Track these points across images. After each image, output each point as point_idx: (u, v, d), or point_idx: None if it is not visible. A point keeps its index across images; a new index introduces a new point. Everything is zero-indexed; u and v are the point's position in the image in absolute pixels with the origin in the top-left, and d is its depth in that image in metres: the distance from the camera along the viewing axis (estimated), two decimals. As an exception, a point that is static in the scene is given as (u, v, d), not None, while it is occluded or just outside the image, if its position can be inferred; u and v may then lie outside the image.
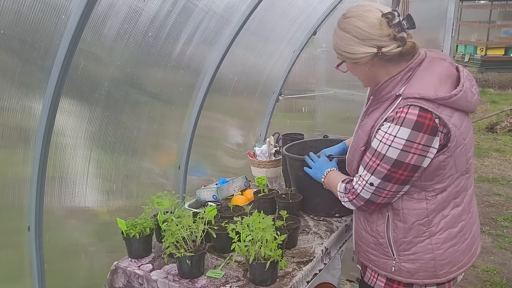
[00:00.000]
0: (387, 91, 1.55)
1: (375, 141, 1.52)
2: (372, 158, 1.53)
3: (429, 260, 1.58)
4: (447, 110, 1.44)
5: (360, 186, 1.59)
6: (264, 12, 2.69)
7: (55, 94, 1.68)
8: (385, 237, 1.63)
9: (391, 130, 1.46)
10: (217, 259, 1.86)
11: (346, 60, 1.58)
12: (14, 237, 1.84)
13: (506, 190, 5.43)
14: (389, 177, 1.50)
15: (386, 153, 1.48)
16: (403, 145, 1.44)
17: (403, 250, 1.61)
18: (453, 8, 2.54)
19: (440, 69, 1.50)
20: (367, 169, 1.55)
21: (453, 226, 1.59)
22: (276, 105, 3.50)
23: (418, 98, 1.42)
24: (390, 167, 1.48)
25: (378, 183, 1.53)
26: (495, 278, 3.58)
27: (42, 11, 1.59)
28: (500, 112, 8.54)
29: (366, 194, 1.58)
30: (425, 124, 1.41)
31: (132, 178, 2.38)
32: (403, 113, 1.44)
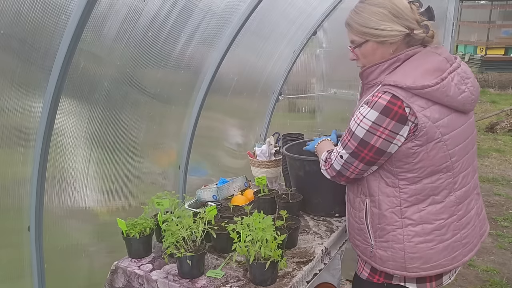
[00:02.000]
0: (373, 77, 1.61)
1: (350, 120, 1.61)
2: (346, 134, 1.62)
3: (399, 250, 1.62)
4: (421, 100, 1.47)
5: (334, 157, 1.69)
6: (264, 12, 2.69)
7: (55, 94, 1.68)
8: (364, 222, 1.70)
9: (363, 111, 1.53)
10: (217, 259, 1.86)
11: (372, 39, 1.57)
12: (14, 237, 1.84)
13: (506, 190, 5.42)
14: (356, 154, 1.58)
15: (355, 131, 1.56)
16: (369, 126, 1.51)
17: (378, 237, 1.67)
18: (453, 8, 2.54)
19: (429, 62, 1.52)
20: (341, 143, 1.65)
21: (429, 222, 1.60)
22: (276, 105, 3.50)
23: (393, 86, 1.48)
24: (357, 145, 1.56)
25: (346, 157, 1.62)
26: (495, 278, 3.58)
27: (42, 11, 1.59)
28: (500, 112, 8.53)
29: (337, 166, 1.67)
30: (393, 110, 1.47)
31: (132, 178, 2.38)
32: (376, 97, 1.50)
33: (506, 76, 12.31)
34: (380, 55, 1.59)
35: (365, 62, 1.64)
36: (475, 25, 13.58)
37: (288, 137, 2.82)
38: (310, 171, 2.18)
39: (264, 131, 3.48)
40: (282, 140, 2.84)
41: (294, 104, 3.64)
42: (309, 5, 3.09)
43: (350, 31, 1.62)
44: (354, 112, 1.62)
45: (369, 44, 1.58)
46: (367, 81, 1.64)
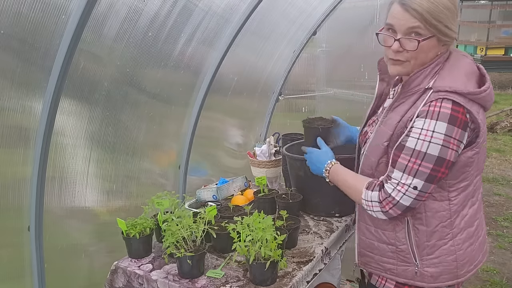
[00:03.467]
0: (416, 83, 1.45)
1: (410, 139, 1.39)
2: (411, 159, 1.39)
3: (452, 261, 1.53)
4: (475, 105, 1.38)
5: (400, 192, 1.42)
6: (264, 12, 2.69)
7: (55, 94, 1.68)
8: (407, 243, 1.54)
9: (427, 126, 1.36)
10: (217, 259, 1.86)
11: (439, 36, 1.38)
12: (14, 237, 1.84)
13: (506, 190, 5.43)
14: (432, 178, 1.39)
15: (427, 150, 1.36)
16: (443, 140, 1.35)
17: (426, 255, 1.53)
18: (453, 8, 2.54)
19: (465, 65, 1.46)
20: (407, 172, 1.40)
21: (471, 225, 1.55)
22: (276, 105, 3.50)
23: (450, 92, 1.35)
24: (433, 165, 1.37)
25: (421, 186, 1.40)
26: (495, 278, 3.58)
27: (42, 11, 1.59)
28: (500, 112, 8.53)
29: (407, 201, 1.43)
30: (458, 118, 1.34)
31: (132, 178, 2.38)
32: (436, 106, 1.35)
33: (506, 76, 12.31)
34: (432, 56, 1.43)
35: (414, 57, 1.42)
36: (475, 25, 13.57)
37: (288, 137, 2.82)
38: (310, 171, 2.18)
39: (264, 131, 3.48)
40: (282, 140, 2.84)
41: (294, 104, 3.64)
42: (309, 5, 3.09)
43: (415, 17, 1.35)
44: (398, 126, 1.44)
45: (432, 40, 1.39)
46: (409, 88, 1.46)
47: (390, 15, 1.43)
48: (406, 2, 1.36)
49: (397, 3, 1.40)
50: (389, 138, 1.48)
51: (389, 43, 1.44)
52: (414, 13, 1.35)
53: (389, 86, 1.70)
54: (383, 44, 1.49)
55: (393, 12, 1.41)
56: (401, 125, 1.45)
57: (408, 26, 1.38)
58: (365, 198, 1.52)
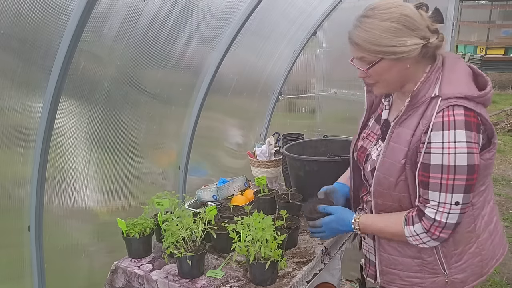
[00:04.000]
0: (422, 94, 1.43)
1: (433, 156, 1.36)
2: (443, 176, 1.36)
3: (478, 263, 1.53)
4: (481, 107, 1.38)
5: (444, 213, 1.39)
6: (264, 12, 2.69)
7: (55, 94, 1.68)
8: (434, 254, 1.51)
9: (447, 138, 1.34)
10: (217, 259, 1.86)
11: (387, 57, 1.40)
12: (14, 237, 1.84)
13: (506, 190, 5.43)
14: (469, 187, 1.37)
15: (456, 163, 1.33)
16: (467, 147, 1.33)
17: (455, 262, 1.51)
18: (453, 8, 2.54)
19: (462, 68, 1.46)
20: (444, 191, 1.37)
21: (491, 223, 1.56)
22: (276, 105, 3.50)
23: (460, 98, 1.35)
24: (467, 175, 1.34)
25: (462, 199, 1.37)
26: (495, 278, 3.58)
27: (42, 11, 1.59)
28: (500, 112, 8.53)
29: (454, 218, 1.39)
30: (472, 122, 1.34)
31: (132, 178, 2.38)
32: (449, 116, 1.34)
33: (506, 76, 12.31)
34: (397, 72, 1.43)
35: (379, 79, 1.47)
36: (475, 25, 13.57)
37: (288, 137, 2.82)
38: (310, 171, 2.18)
39: (264, 131, 3.48)
40: (282, 140, 2.84)
41: (294, 104, 3.64)
42: (309, 5, 3.09)
43: (359, 50, 1.42)
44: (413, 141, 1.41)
45: (383, 62, 1.41)
46: (416, 100, 1.44)
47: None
48: (349, 36, 1.44)
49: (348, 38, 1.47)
50: (405, 155, 1.44)
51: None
52: (356, 46, 1.42)
53: (379, 97, 1.67)
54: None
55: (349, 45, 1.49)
56: (415, 140, 1.42)
57: (357, 57, 1.45)
58: (409, 235, 1.48)
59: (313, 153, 2.42)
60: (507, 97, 10.76)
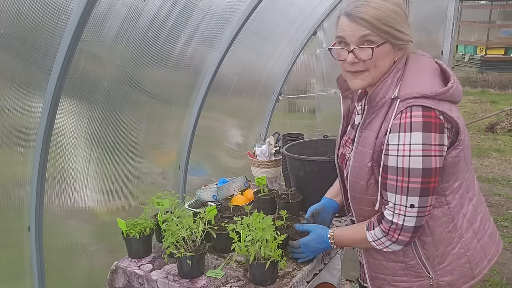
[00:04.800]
0: (381, 95, 1.40)
1: (390, 158, 1.36)
2: (397, 178, 1.35)
3: (465, 264, 1.49)
4: (446, 104, 1.35)
5: (400, 215, 1.38)
6: (264, 12, 2.69)
7: (55, 94, 1.68)
8: (415, 257, 1.49)
9: (403, 140, 1.32)
10: (217, 259, 1.86)
11: (392, 40, 1.35)
12: (14, 237, 1.84)
13: (506, 190, 5.43)
14: (426, 190, 1.34)
15: (409, 165, 1.32)
16: (422, 150, 1.30)
17: (438, 264, 1.48)
18: (453, 8, 2.54)
19: (426, 65, 1.42)
20: (399, 193, 1.36)
21: (474, 222, 1.51)
22: (276, 105, 3.50)
23: (418, 97, 1.32)
24: (422, 178, 1.33)
25: (418, 202, 1.35)
26: (495, 278, 3.58)
27: (42, 11, 1.59)
28: (500, 112, 8.53)
29: (411, 221, 1.38)
30: (432, 123, 1.31)
31: (132, 178, 2.38)
32: (407, 117, 1.32)
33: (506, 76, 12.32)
34: (389, 62, 1.39)
35: (371, 66, 1.38)
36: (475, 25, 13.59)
37: (288, 137, 2.82)
38: (310, 171, 2.18)
39: (264, 131, 3.48)
40: (282, 140, 2.84)
41: (294, 104, 3.64)
42: (309, 5, 3.09)
43: (364, 25, 1.32)
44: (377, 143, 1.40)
45: (385, 46, 1.35)
46: (375, 102, 1.42)
47: (339, 28, 1.40)
48: (352, 13, 1.34)
49: (344, 15, 1.37)
50: (371, 158, 1.43)
51: (343, 57, 1.41)
52: (362, 22, 1.32)
53: (354, 102, 1.65)
54: (338, 59, 1.46)
55: (341, 25, 1.38)
56: (379, 142, 1.41)
57: (359, 36, 1.35)
58: (372, 240, 1.48)
59: (313, 153, 2.42)
60: (507, 97, 10.77)
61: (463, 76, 12.67)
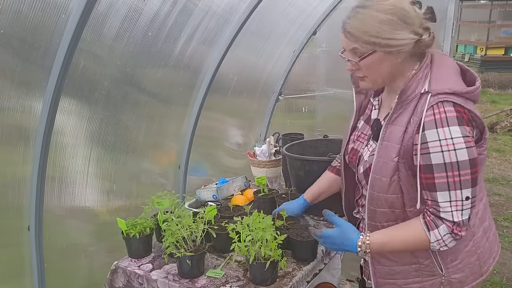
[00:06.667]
0: (411, 90, 1.41)
1: (433, 156, 1.33)
2: (448, 174, 1.33)
3: (475, 261, 1.52)
4: (471, 103, 1.37)
5: (459, 211, 1.36)
6: (264, 12, 2.69)
7: (55, 93, 1.68)
8: (431, 256, 1.49)
9: (443, 135, 1.32)
10: (217, 259, 1.86)
11: (381, 49, 1.37)
12: (14, 237, 1.84)
13: (506, 190, 5.42)
14: (475, 180, 1.35)
15: (457, 159, 1.31)
16: (464, 142, 1.31)
17: (451, 262, 1.49)
18: (453, 8, 2.54)
19: (451, 64, 1.45)
20: (452, 189, 1.35)
21: (484, 220, 1.55)
22: (276, 105, 3.50)
23: (449, 93, 1.34)
24: (471, 169, 1.33)
25: (471, 193, 1.35)
26: (495, 278, 3.58)
27: (42, 10, 1.59)
28: (500, 112, 8.53)
29: (467, 213, 1.38)
30: (463, 117, 1.33)
31: (132, 178, 2.38)
32: (441, 113, 1.32)
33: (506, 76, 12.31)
34: (387, 66, 1.42)
35: (367, 73, 1.44)
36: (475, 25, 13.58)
37: (288, 137, 2.82)
38: (310, 171, 2.18)
39: (264, 131, 3.48)
40: (282, 140, 2.84)
41: (294, 104, 3.64)
42: (309, 5, 3.09)
43: (352, 40, 1.39)
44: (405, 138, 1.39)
45: (376, 55, 1.38)
46: (406, 96, 1.42)
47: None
48: (343, 26, 1.41)
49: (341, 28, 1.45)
50: (398, 153, 1.41)
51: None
52: (349, 35, 1.39)
53: (368, 97, 1.67)
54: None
55: (341, 36, 1.46)
56: (407, 137, 1.39)
57: (349, 48, 1.42)
58: (436, 240, 1.40)
59: (313, 153, 2.42)
60: (507, 97, 10.76)
61: (463, 76, 12.65)
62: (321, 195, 2.01)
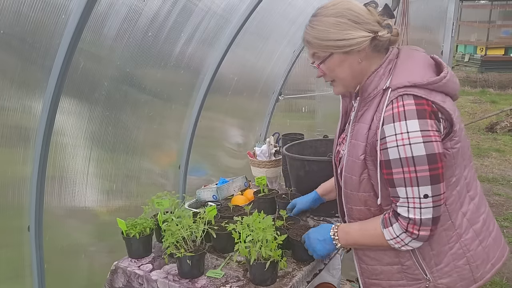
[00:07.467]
0: (372, 87, 1.41)
1: (390, 151, 1.31)
2: (403, 169, 1.30)
3: (464, 265, 1.43)
4: (439, 95, 1.33)
5: (416, 209, 1.32)
6: (264, 12, 2.69)
7: (55, 93, 1.68)
8: (411, 257, 1.44)
9: (399, 129, 1.29)
10: (217, 259, 1.86)
11: (337, 51, 1.40)
12: (14, 237, 1.84)
13: (506, 190, 5.42)
14: (436, 177, 1.29)
15: (413, 154, 1.28)
16: (422, 136, 1.27)
17: (435, 265, 1.43)
18: (453, 8, 2.54)
19: (419, 57, 1.43)
20: (409, 185, 1.31)
21: (476, 222, 1.45)
22: (276, 105, 3.50)
23: (409, 86, 1.31)
24: (428, 165, 1.28)
25: (431, 191, 1.30)
26: (495, 278, 3.57)
27: (42, 11, 1.59)
28: (500, 112, 8.53)
29: (428, 213, 1.31)
30: (426, 110, 1.29)
31: (132, 178, 2.38)
32: (399, 107, 1.30)
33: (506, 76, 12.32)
34: (349, 66, 1.42)
35: (333, 76, 1.47)
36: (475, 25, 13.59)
37: (288, 137, 2.82)
38: (310, 171, 2.18)
39: (264, 131, 3.48)
40: (282, 140, 2.84)
41: (294, 104, 3.64)
42: (309, 5, 3.09)
43: (311, 47, 1.45)
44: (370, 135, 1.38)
45: (334, 57, 1.41)
46: (367, 93, 1.43)
47: None
48: (303, 36, 1.47)
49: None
50: (364, 150, 1.40)
51: None
52: (308, 44, 1.45)
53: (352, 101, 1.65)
54: None
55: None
56: (371, 134, 1.38)
57: (311, 55, 1.48)
58: (390, 238, 1.40)
59: (313, 153, 2.42)
60: (507, 97, 10.76)
61: (463, 76, 12.67)
62: (332, 192, 1.94)
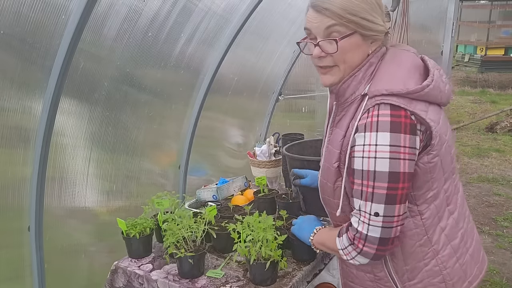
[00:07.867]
0: (350, 91, 1.29)
1: (356, 160, 1.22)
2: (363, 182, 1.21)
3: (439, 283, 1.33)
4: (420, 104, 1.21)
5: (364, 224, 1.22)
6: (264, 12, 2.69)
7: (55, 94, 1.69)
8: (384, 269, 1.35)
9: (369, 140, 1.18)
10: (217, 259, 1.86)
11: (360, 31, 1.23)
12: (14, 237, 1.84)
13: (506, 190, 5.42)
14: (392, 197, 1.19)
15: (375, 168, 1.18)
16: (389, 152, 1.16)
17: (408, 280, 1.34)
18: (453, 8, 2.54)
19: (406, 60, 1.29)
20: (364, 199, 1.22)
21: (454, 238, 1.35)
22: (276, 105, 3.50)
23: (387, 95, 1.19)
24: (388, 184, 1.18)
25: (383, 210, 1.19)
26: (495, 278, 3.57)
27: (42, 11, 1.59)
28: (500, 112, 8.53)
29: (375, 232, 1.21)
30: (401, 123, 1.17)
31: (132, 178, 2.38)
32: (373, 116, 1.18)
33: (506, 76, 12.31)
34: (360, 54, 1.27)
35: (340, 60, 1.27)
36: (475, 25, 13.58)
37: (288, 137, 2.82)
38: (310, 171, 2.18)
39: (264, 131, 3.48)
40: (282, 140, 2.84)
41: (294, 104, 3.64)
42: (309, 5, 3.09)
43: (330, 17, 1.23)
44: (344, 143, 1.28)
45: (354, 37, 1.23)
46: (344, 99, 1.31)
47: (306, 20, 1.32)
48: (317, 4, 1.26)
49: (310, 7, 1.30)
50: (338, 158, 1.30)
51: (311, 50, 1.32)
52: (327, 12, 1.24)
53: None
54: (308, 53, 1.36)
55: (308, 17, 1.31)
56: (346, 142, 1.28)
57: (324, 27, 1.26)
58: (340, 247, 1.32)
59: (313, 153, 2.42)
60: (507, 97, 10.76)
61: (463, 76, 12.67)
62: None
